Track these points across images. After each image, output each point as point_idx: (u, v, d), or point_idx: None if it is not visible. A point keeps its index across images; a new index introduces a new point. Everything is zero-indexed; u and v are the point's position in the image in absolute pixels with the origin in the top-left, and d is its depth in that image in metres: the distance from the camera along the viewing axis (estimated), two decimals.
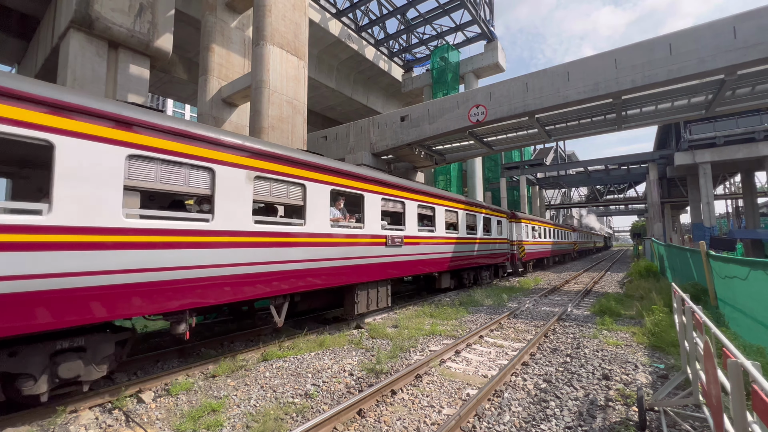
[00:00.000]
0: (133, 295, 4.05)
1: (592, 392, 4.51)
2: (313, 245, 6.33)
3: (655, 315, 7.39)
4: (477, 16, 23.88)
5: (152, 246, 4.21)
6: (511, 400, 4.28)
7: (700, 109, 14.39)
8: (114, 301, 3.90)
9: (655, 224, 30.95)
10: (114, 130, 4.00)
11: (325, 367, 5.29)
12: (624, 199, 49.42)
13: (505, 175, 38.04)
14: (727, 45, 10.85)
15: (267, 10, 11.68)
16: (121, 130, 4.05)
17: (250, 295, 5.26)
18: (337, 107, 29.52)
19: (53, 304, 3.48)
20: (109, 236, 3.87)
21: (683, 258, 10.72)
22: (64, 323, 3.56)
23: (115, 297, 3.90)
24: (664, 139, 35.07)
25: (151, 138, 4.29)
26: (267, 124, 11.42)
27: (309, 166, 6.35)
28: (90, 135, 3.81)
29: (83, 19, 10.55)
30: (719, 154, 25.44)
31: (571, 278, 17.56)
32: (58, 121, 3.61)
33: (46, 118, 3.55)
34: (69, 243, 3.60)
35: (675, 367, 5.26)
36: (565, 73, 13.30)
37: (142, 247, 4.13)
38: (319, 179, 6.54)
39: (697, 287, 8.26)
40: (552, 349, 6.26)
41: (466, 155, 20.51)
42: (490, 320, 8.21)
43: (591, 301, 11.23)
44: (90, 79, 10.88)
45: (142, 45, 11.78)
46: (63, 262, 3.53)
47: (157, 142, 4.32)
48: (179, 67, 21.34)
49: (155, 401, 4.21)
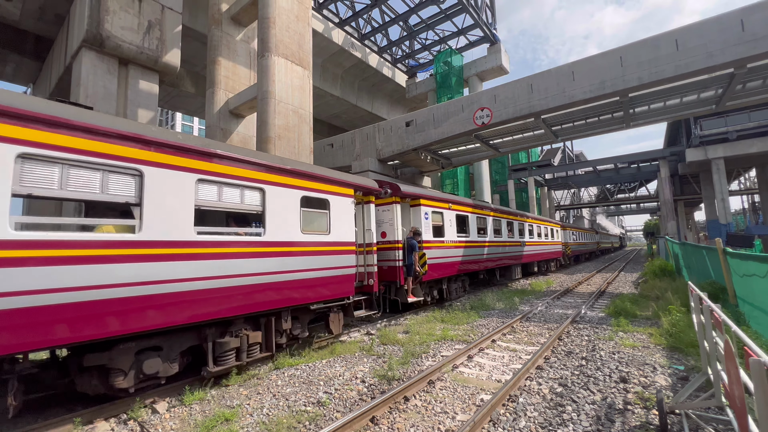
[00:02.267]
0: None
1: (609, 395, 4.40)
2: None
3: (672, 315, 7.22)
4: (479, 20, 23.97)
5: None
6: (527, 405, 4.20)
7: (711, 104, 14.15)
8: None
9: (669, 222, 30.34)
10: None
11: (336, 374, 5.27)
12: (635, 198, 48.61)
13: (512, 177, 37.80)
14: (735, 38, 10.69)
15: (271, 22, 11.89)
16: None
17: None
18: (342, 115, 29.78)
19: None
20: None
21: (699, 256, 10.47)
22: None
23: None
24: (674, 136, 34.53)
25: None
26: (273, 133, 11.56)
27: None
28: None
29: (94, 38, 10.87)
30: (732, 149, 24.91)
31: (583, 279, 17.28)
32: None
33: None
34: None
35: (695, 368, 5.11)
36: (570, 73, 13.23)
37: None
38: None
39: (714, 286, 8.05)
40: (567, 352, 6.14)
41: (473, 158, 20.46)
42: (503, 324, 8.10)
43: (605, 302, 11.02)
44: (102, 95, 11.18)
45: (151, 61, 12.08)
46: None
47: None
48: (187, 81, 21.80)
49: (169, 411, 4.24)
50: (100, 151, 3.94)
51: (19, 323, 3.30)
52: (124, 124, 4.19)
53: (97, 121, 3.97)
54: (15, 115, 3.43)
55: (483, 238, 13.48)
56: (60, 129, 3.69)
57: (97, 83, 11.19)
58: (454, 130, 15.90)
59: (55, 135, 3.65)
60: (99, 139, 3.95)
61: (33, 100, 3.61)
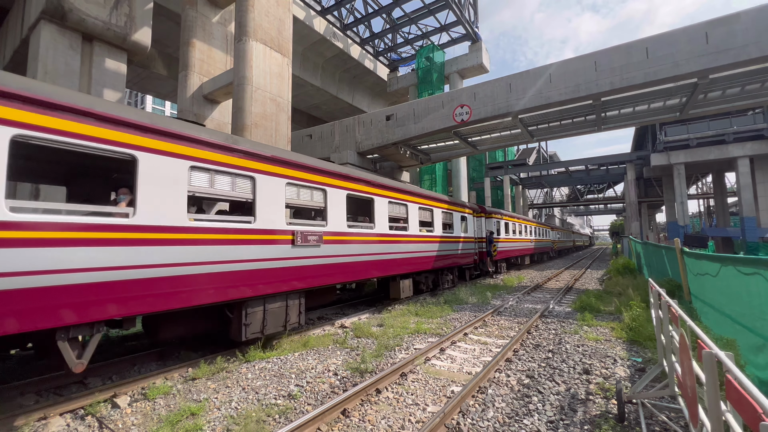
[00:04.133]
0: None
1: (573, 387, 4.59)
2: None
3: (633, 310, 7.61)
4: (461, 17, 24.10)
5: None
6: (495, 396, 4.32)
7: (675, 112, 14.92)
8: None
9: (633, 223, 31.95)
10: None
11: (309, 367, 5.22)
12: (603, 199, 50.86)
13: (489, 174, 38.57)
14: (699, 50, 11.27)
15: (250, 5, 11.45)
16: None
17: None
18: (322, 106, 29.29)
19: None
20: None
21: (659, 255, 11.08)
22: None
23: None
24: (641, 141, 36.25)
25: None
26: (250, 121, 11.20)
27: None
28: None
29: (55, 10, 10.10)
30: (692, 155, 26.47)
31: (553, 276, 17.93)
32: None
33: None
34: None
35: (652, 361, 5.42)
36: (548, 75, 13.56)
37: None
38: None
39: (672, 283, 8.55)
40: (535, 345, 6.36)
41: (451, 155, 20.67)
42: (475, 318, 8.28)
43: (572, 297, 11.49)
44: (63, 72, 10.44)
45: (118, 38, 11.37)
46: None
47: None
48: (159, 62, 20.74)
49: (131, 406, 4.06)
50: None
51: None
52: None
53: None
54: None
55: (515, 236, 20.63)
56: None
57: (58, 59, 10.43)
58: (434, 126, 15.99)
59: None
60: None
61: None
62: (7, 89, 3.43)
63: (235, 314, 5.53)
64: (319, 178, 6.98)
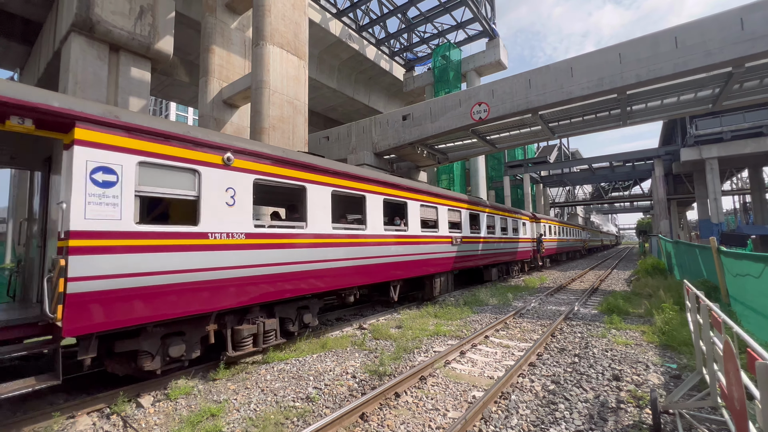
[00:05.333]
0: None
1: (602, 394, 4.36)
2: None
3: (665, 313, 7.22)
4: (478, 14, 23.72)
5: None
6: (519, 403, 4.15)
7: (707, 104, 14.15)
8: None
9: (662, 221, 30.59)
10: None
11: (327, 369, 5.19)
12: (629, 197, 48.94)
13: (508, 173, 37.83)
14: (734, 37, 10.64)
15: (266, 10, 11.62)
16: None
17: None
18: (338, 108, 29.47)
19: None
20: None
21: (692, 255, 10.51)
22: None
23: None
24: (669, 135, 34.70)
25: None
26: (267, 124, 11.35)
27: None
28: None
29: (84, 22, 10.55)
30: (726, 149, 25.08)
31: (577, 276, 17.35)
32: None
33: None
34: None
35: (688, 367, 5.10)
36: (569, 69, 13.13)
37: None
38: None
39: (707, 284, 8.07)
40: (559, 349, 6.12)
41: (469, 154, 20.36)
42: (496, 320, 8.06)
43: (598, 299, 11.05)
44: (91, 82, 10.88)
45: (143, 48, 11.77)
46: None
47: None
48: (181, 69, 21.39)
49: (154, 406, 4.13)
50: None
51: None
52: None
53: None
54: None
55: (555, 236, 24.36)
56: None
57: (87, 69, 10.89)
58: (451, 125, 15.78)
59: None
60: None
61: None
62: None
63: (427, 284, 10.22)
64: (458, 205, 11.69)
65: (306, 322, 6.44)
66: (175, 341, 4.61)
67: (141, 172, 4.24)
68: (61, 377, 3.59)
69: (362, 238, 7.50)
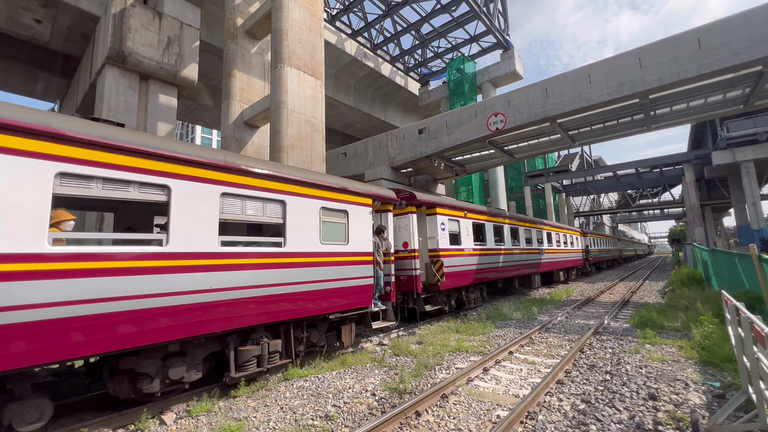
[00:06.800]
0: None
1: (637, 414, 4.09)
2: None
3: (704, 327, 6.76)
4: (491, 26, 23.88)
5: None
6: (547, 423, 3.94)
7: (738, 104, 13.53)
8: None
9: (696, 228, 29.06)
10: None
11: (346, 386, 5.12)
12: (659, 204, 46.95)
13: (528, 183, 37.15)
14: (762, 34, 10.21)
15: (284, 34, 12.10)
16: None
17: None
18: (355, 124, 30.01)
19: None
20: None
21: (731, 263, 9.88)
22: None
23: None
24: (699, 139, 33.28)
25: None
26: (286, 143, 11.66)
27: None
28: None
29: (117, 55, 11.31)
30: (763, 150, 23.76)
31: (605, 288, 16.60)
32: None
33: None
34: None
35: (733, 386, 4.72)
36: (586, 76, 12.92)
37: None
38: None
39: (749, 295, 7.52)
40: (589, 366, 5.81)
41: (487, 165, 20.16)
42: (520, 335, 7.77)
43: (629, 312, 10.50)
44: (123, 109, 11.56)
45: (170, 76, 12.46)
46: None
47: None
48: (205, 94, 22.44)
49: (176, 423, 4.17)
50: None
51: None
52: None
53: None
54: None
55: (597, 247, 28.60)
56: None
57: (119, 98, 11.60)
58: (468, 137, 15.72)
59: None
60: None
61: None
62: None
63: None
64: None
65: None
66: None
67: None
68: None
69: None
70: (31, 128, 3.38)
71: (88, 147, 3.73)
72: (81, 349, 3.52)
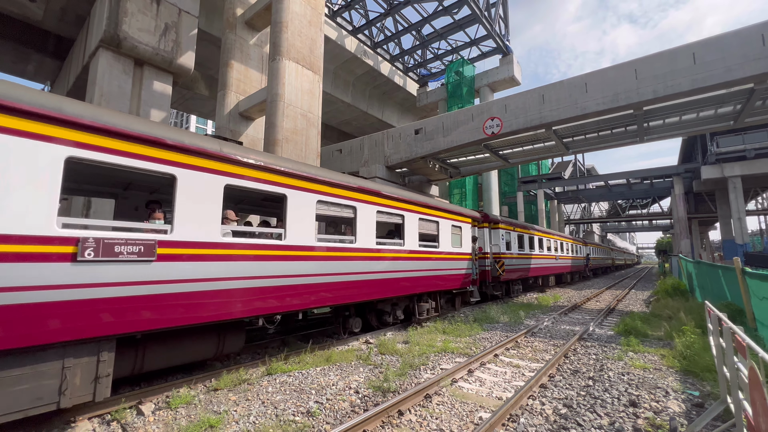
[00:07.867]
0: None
1: (617, 420, 4.12)
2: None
3: (687, 336, 6.86)
4: (492, 31, 23.98)
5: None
6: (528, 426, 3.95)
7: (728, 120, 13.80)
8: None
9: (683, 240, 29.58)
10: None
11: (330, 383, 5.07)
12: (648, 215, 47.66)
13: (521, 188, 37.41)
14: (755, 53, 10.41)
15: (284, 26, 11.98)
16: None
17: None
18: (352, 121, 29.92)
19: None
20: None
21: (714, 276, 10.05)
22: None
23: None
24: (689, 152, 33.86)
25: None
26: (281, 136, 11.56)
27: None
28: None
29: (112, 38, 11.06)
30: (750, 167, 24.29)
31: (592, 296, 16.79)
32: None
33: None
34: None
35: (712, 395, 4.79)
36: (583, 84, 13.04)
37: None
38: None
39: (731, 307, 7.65)
40: (573, 371, 5.85)
41: (482, 168, 20.26)
42: (506, 338, 7.81)
43: (614, 320, 10.63)
44: (116, 95, 11.32)
45: (165, 62, 12.23)
46: None
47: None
48: (201, 83, 22.15)
49: (154, 414, 4.09)
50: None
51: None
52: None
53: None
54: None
55: (596, 255, 32.60)
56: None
57: (112, 83, 11.35)
58: (464, 139, 15.77)
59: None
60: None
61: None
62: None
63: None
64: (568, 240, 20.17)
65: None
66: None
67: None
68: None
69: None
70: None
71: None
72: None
